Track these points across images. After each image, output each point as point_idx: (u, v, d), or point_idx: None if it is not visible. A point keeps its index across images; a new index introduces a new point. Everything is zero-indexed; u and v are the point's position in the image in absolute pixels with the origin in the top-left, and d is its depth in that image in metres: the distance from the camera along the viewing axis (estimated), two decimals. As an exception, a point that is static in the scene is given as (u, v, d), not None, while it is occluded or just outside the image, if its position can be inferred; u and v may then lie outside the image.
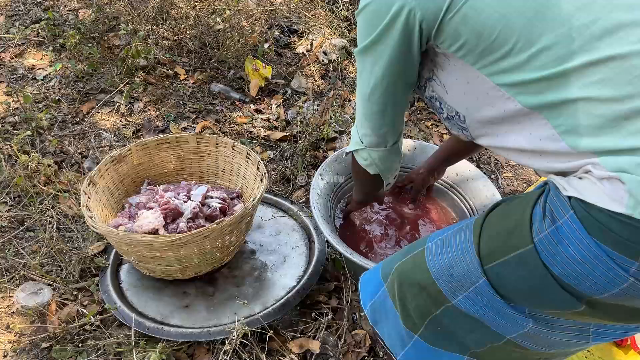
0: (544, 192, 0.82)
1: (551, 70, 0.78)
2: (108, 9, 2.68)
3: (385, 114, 1.04)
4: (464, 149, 1.47)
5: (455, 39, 0.86)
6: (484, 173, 1.67)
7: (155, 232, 1.49)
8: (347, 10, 2.89)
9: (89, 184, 1.51)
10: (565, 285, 0.77)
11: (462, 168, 1.66)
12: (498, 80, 0.85)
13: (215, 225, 1.36)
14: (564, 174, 0.83)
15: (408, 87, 1.02)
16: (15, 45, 2.66)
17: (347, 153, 1.24)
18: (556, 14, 0.78)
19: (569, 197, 0.76)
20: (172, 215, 1.53)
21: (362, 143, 1.12)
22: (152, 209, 1.57)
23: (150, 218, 1.50)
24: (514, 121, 0.87)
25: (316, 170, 1.66)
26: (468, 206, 1.61)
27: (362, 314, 1.53)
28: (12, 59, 2.59)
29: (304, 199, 1.92)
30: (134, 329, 1.40)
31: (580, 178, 0.77)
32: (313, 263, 1.60)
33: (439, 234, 0.98)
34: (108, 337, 1.44)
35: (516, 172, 2.21)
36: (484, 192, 1.59)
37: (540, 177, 2.14)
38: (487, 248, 0.86)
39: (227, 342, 1.34)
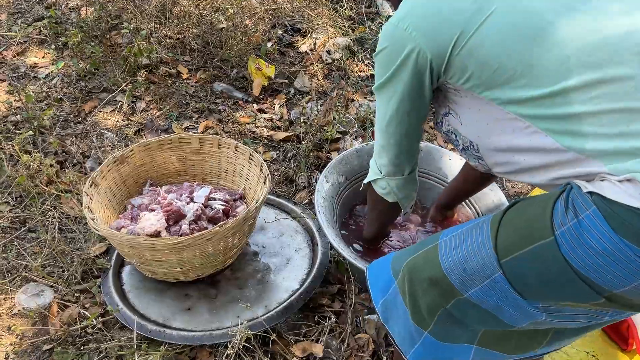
0: (565, 191, 0.84)
1: (551, 88, 0.85)
2: (110, 7, 2.66)
3: (401, 145, 1.13)
4: (472, 186, 1.52)
5: (463, 72, 0.94)
6: (489, 175, 1.66)
7: (157, 234, 1.48)
8: (351, 9, 2.87)
9: (91, 185, 1.50)
10: (585, 278, 0.79)
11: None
12: (503, 102, 0.92)
13: (218, 227, 1.35)
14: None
15: (421, 120, 1.10)
16: (17, 44, 2.65)
17: (364, 184, 1.31)
18: (551, 38, 0.85)
19: (590, 193, 0.79)
20: (174, 218, 1.52)
21: (381, 173, 1.21)
22: (154, 210, 1.55)
23: (152, 220, 1.48)
24: (524, 140, 0.92)
25: (320, 171, 1.65)
26: (474, 209, 1.60)
27: (365, 317, 1.52)
28: (14, 57, 2.58)
29: (307, 200, 1.91)
30: (136, 332, 1.39)
31: (601, 180, 0.81)
32: (316, 266, 1.59)
33: (452, 230, 1.00)
34: (110, 340, 1.43)
35: (521, 173, 2.19)
36: (491, 197, 1.57)
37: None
38: (504, 242, 0.88)
39: (229, 346, 1.33)
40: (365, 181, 1.29)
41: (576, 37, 0.84)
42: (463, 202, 1.65)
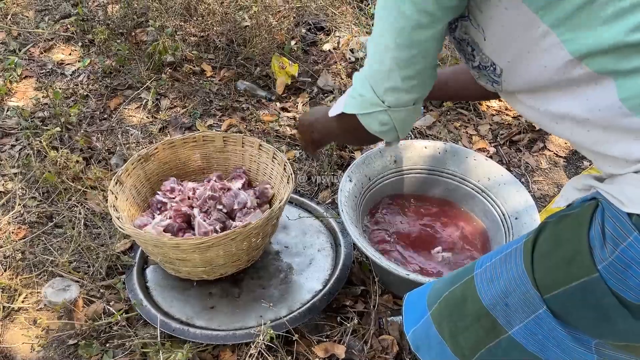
0: (596, 210, 0.74)
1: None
2: (136, 5, 2.68)
3: (428, 55, 0.85)
4: (473, 90, 1.16)
5: None
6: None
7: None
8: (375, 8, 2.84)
9: (116, 183, 1.51)
10: (636, 308, 0.70)
11: (494, 172, 1.62)
12: (566, 36, 0.68)
13: (242, 227, 1.34)
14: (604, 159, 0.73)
15: (449, 12, 0.79)
16: (44, 40, 2.69)
17: (338, 114, 1.00)
18: None
19: (630, 215, 0.67)
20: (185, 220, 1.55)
21: (383, 103, 0.90)
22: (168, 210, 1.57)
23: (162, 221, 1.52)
24: (572, 84, 0.72)
25: (343, 170, 1.64)
26: (500, 211, 1.57)
27: (389, 319, 1.51)
28: (42, 54, 2.62)
29: (330, 199, 1.90)
30: (160, 329, 1.40)
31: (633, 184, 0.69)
32: (339, 267, 1.58)
33: (486, 259, 0.92)
34: (133, 336, 1.44)
35: (547, 175, 2.15)
36: (517, 198, 1.54)
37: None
38: (544, 279, 0.79)
39: (252, 345, 1.32)
40: (349, 110, 0.95)
41: None
42: (489, 205, 1.62)
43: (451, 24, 0.85)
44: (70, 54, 2.64)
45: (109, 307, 1.51)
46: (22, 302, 1.54)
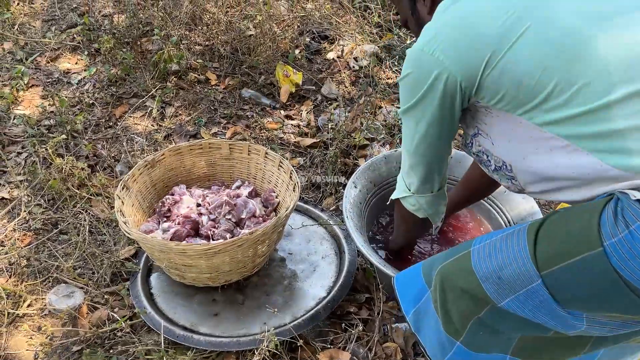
0: (611, 200, 0.81)
1: (594, 104, 0.82)
2: (142, 15, 2.71)
3: (431, 165, 1.12)
4: (485, 187, 1.49)
5: (496, 92, 0.91)
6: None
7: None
8: (379, 17, 2.86)
9: (123, 189, 1.52)
10: (635, 289, 0.77)
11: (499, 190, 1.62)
12: (540, 121, 0.88)
13: (248, 234, 1.35)
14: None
15: (450, 139, 1.09)
16: (51, 50, 2.72)
17: (392, 200, 1.29)
18: (592, 54, 0.83)
19: None
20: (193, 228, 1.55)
21: (409, 190, 1.19)
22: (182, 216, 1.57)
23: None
24: (562, 160, 0.89)
25: (347, 177, 1.64)
26: (505, 218, 1.57)
27: (394, 326, 1.50)
28: (48, 63, 2.64)
29: (334, 206, 1.90)
30: (164, 336, 1.40)
31: None
32: (344, 274, 1.57)
33: (485, 237, 0.97)
34: (137, 343, 1.43)
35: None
36: (523, 205, 1.54)
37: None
38: (545, 252, 0.85)
39: (256, 352, 1.32)
40: (393, 197, 1.27)
41: (616, 51, 0.82)
42: (494, 212, 1.62)
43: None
44: (76, 63, 2.66)
45: (113, 313, 1.51)
46: (27, 308, 1.54)
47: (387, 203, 1.35)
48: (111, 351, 1.43)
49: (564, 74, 0.84)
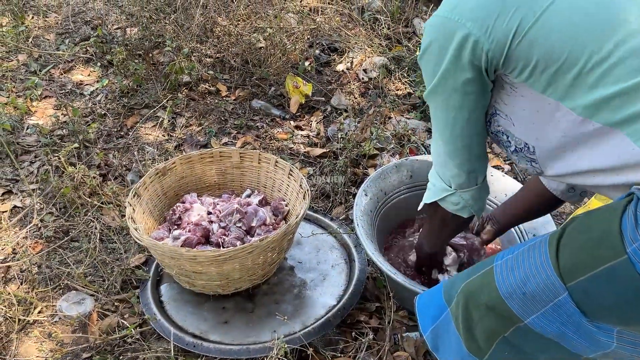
0: (630, 202, 0.77)
1: (628, 83, 0.76)
2: (154, 27, 2.75)
3: (471, 147, 1.02)
4: (545, 206, 1.34)
5: (525, 65, 0.85)
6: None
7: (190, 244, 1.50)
8: (388, 29, 2.88)
9: (134, 196, 1.53)
10: None
11: (511, 188, 1.61)
12: (571, 103, 0.83)
13: (259, 241, 1.35)
14: None
15: (484, 110, 0.99)
16: (64, 62, 2.76)
17: (424, 205, 1.18)
18: (625, 28, 0.78)
19: None
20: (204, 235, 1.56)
21: (451, 187, 1.09)
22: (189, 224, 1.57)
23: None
24: (589, 143, 0.85)
25: (357, 187, 1.64)
26: (517, 228, 1.56)
27: (404, 335, 1.49)
28: (61, 75, 2.68)
29: (344, 215, 1.90)
30: (174, 343, 1.39)
31: None
32: (354, 282, 1.57)
33: (507, 252, 0.93)
34: (147, 350, 1.43)
35: (563, 194, 2.13)
36: (534, 214, 1.53)
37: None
38: (569, 263, 0.80)
39: (266, 360, 1.31)
40: (428, 200, 1.15)
41: None
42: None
43: (485, 121, 1.02)
44: (89, 75, 2.69)
45: (123, 320, 1.51)
46: (38, 315, 1.54)
47: (419, 209, 1.23)
48: (121, 358, 1.43)
49: (596, 49, 0.78)
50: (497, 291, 0.89)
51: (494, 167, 2.18)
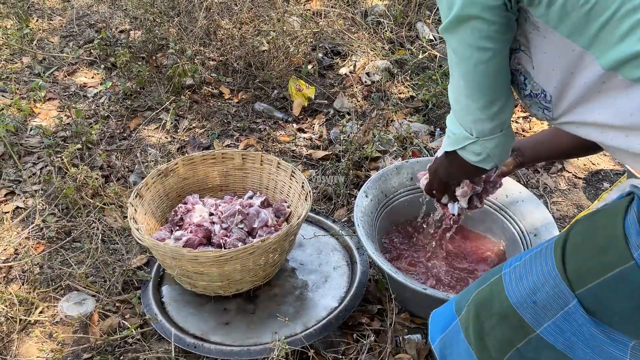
0: (632, 202, 0.75)
1: None
2: (157, 30, 2.76)
3: (497, 84, 0.90)
4: (582, 148, 1.21)
5: (551, 2, 0.76)
6: (534, 196, 1.61)
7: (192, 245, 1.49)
8: (391, 32, 2.89)
9: (136, 197, 1.53)
10: None
11: (512, 189, 1.61)
12: (597, 53, 0.75)
13: (260, 242, 1.34)
14: None
15: (504, 44, 0.87)
16: (68, 65, 2.77)
17: (442, 154, 1.09)
18: None
19: None
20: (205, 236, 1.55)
21: (472, 135, 0.96)
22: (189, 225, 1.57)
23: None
24: (608, 95, 0.77)
25: (359, 189, 1.63)
26: (518, 229, 1.55)
27: (406, 337, 1.48)
28: (65, 77, 2.69)
29: (345, 217, 1.90)
30: (174, 344, 1.39)
31: None
32: (355, 284, 1.56)
33: (515, 259, 0.91)
34: (148, 351, 1.43)
35: (566, 196, 2.13)
36: (536, 215, 1.52)
37: (621, 178, 2.06)
38: (577, 270, 0.78)
39: (267, 361, 1.31)
40: (447, 148, 1.03)
41: None
42: (507, 222, 1.60)
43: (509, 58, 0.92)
44: (92, 77, 2.71)
45: (124, 321, 1.51)
46: (39, 315, 1.54)
47: (438, 155, 1.12)
48: (121, 359, 1.43)
49: None
50: (508, 300, 0.87)
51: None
